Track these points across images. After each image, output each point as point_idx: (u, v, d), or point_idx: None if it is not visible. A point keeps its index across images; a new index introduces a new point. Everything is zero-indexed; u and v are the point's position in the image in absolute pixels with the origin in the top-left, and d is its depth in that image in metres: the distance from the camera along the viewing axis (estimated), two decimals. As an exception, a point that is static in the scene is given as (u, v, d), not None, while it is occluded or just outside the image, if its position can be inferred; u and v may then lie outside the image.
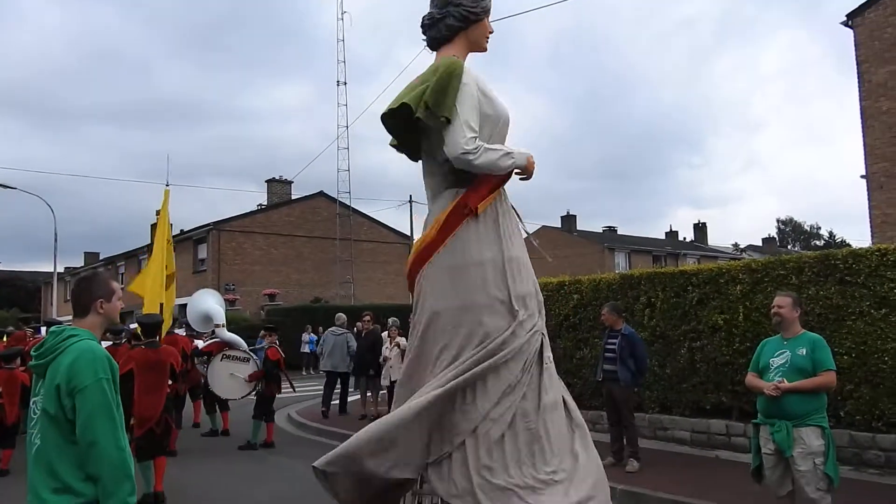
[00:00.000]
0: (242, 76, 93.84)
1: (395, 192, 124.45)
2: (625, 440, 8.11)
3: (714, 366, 8.82)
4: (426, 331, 4.74)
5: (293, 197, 36.63)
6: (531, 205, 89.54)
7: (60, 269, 48.12)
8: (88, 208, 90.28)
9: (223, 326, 10.54)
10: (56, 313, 33.80)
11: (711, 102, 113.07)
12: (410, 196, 34.45)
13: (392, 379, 11.40)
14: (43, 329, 12.62)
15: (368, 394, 12.60)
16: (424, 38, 4.47)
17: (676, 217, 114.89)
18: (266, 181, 36.49)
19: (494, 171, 4.88)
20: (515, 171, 4.83)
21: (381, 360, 11.92)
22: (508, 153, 4.80)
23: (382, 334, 12.38)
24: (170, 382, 7.41)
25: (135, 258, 39.55)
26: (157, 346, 7.46)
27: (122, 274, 40.11)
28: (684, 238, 57.14)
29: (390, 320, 12.31)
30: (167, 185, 8.47)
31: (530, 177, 4.81)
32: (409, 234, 35.51)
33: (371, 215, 37.36)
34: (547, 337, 5.03)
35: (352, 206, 34.74)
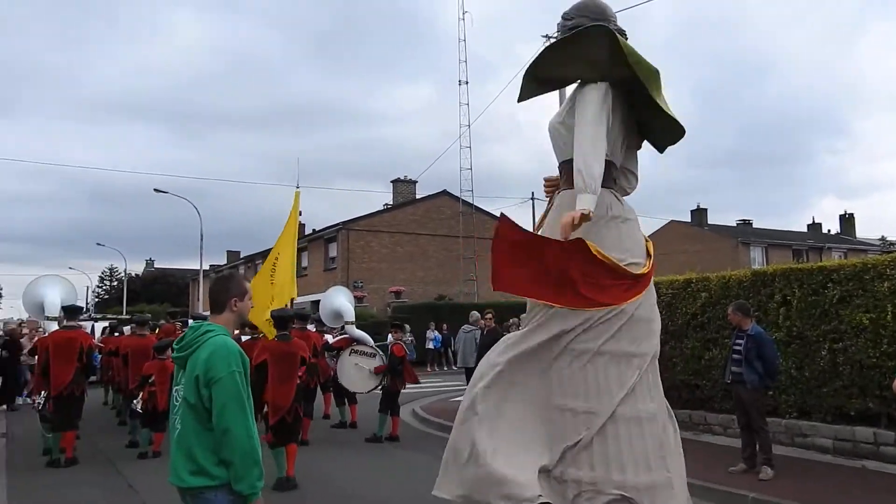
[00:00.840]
0: (369, 80, 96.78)
1: (517, 190, 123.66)
2: (757, 446, 7.72)
3: (859, 369, 8.22)
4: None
5: (418, 196, 37.38)
6: (658, 199, 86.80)
7: (206, 267, 51.65)
8: (230, 209, 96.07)
9: (352, 323, 10.94)
10: (201, 308, 36.28)
11: (856, 82, 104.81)
12: (532, 193, 34.27)
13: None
14: (190, 322, 13.54)
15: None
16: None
17: (820, 208, 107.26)
18: (391, 181, 37.49)
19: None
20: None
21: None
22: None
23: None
24: (300, 374, 7.77)
25: (271, 256, 41.70)
26: (289, 338, 7.86)
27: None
28: (829, 231, 53.47)
29: (512, 320, 12.33)
30: (297, 187, 8.87)
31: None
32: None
33: (494, 213, 37.48)
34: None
35: (474, 203, 35.01)
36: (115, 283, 69.88)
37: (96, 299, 68.49)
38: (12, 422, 13.07)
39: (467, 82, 34.82)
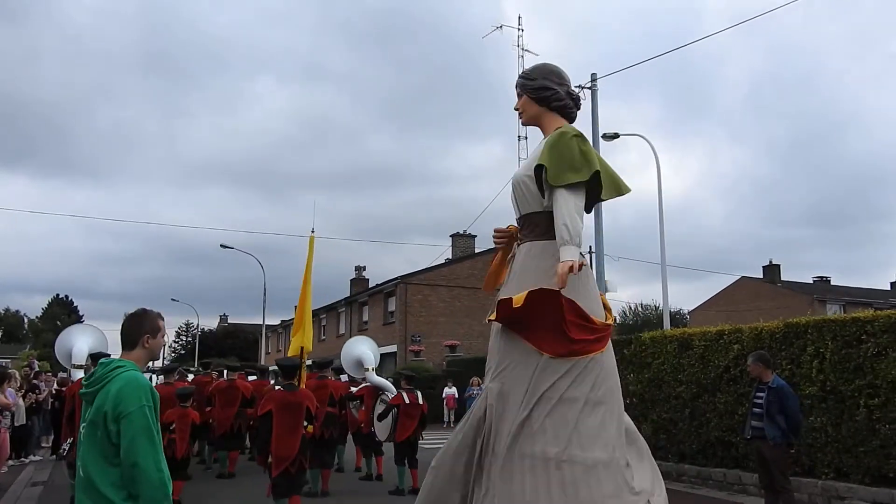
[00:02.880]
0: (440, 141, 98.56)
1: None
2: (780, 507, 7.21)
3: (896, 427, 7.65)
4: None
5: (477, 251, 37.43)
6: (729, 256, 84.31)
7: (276, 322, 52.81)
8: (297, 265, 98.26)
9: (373, 371, 10.89)
10: (263, 360, 36.86)
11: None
12: (591, 247, 33.80)
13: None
14: (252, 376, 13.74)
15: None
16: (576, 110, 4.60)
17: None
18: (451, 235, 37.69)
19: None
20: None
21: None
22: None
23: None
24: (306, 425, 7.74)
25: (334, 311, 42.29)
26: (295, 388, 7.87)
27: (324, 326, 43.02)
28: (915, 289, 50.50)
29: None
30: (312, 232, 8.93)
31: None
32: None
33: (553, 267, 37.09)
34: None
35: (533, 258, 34.76)
36: (190, 339, 72.08)
37: (172, 354, 70.79)
38: (57, 471, 13.47)
39: (526, 138, 34.98)
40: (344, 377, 12.62)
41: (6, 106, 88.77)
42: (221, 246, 34.94)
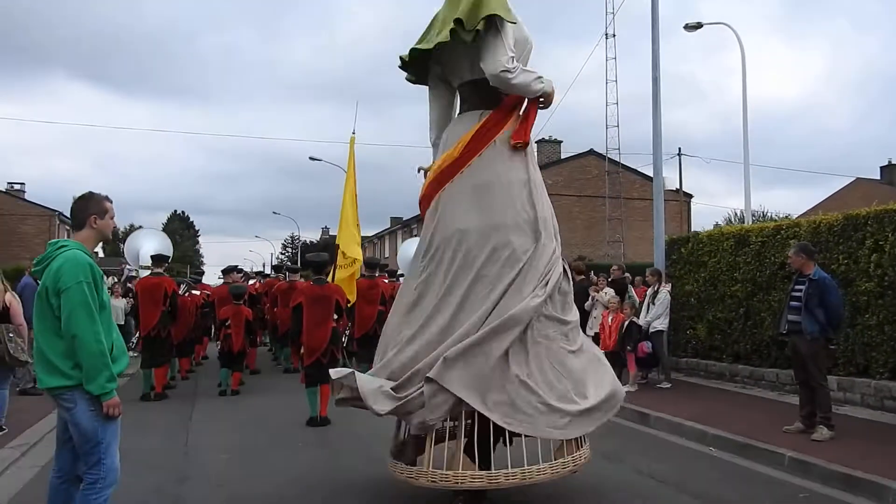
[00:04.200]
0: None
1: (664, 146, 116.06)
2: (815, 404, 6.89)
3: (955, 323, 7.07)
4: (447, 249, 4.67)
5: (563, 156, 36.54)
6: (850, 159, 78.49)
7: (371, 233, 54.20)
8: (397, 178, 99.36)
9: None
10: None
11: None
12: (679, 149, 32.31)
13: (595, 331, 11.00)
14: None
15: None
16: None
17: None
18: (536, 142, 36.80)
19: (526, 93, 4.82)
20: (540, 97, 4.76)
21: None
22: (540, 77, 4.79)
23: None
24: (335, 318, 7.97)
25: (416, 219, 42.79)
26: (324, 282, 8.08)
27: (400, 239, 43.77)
28: None
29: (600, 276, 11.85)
30: (353, 133, 8.87)
31: (549, 105, 4.83)
32: (677, 188, 33.40)
33: (644, 171, 35.79)
34: (565, 262, 4.82)
35: (621, 162, 33.66)
36: (294, 250, 75.15)
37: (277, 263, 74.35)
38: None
39: (614, 35, 33.27)
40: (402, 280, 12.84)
41: (122, 35, 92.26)
42: (310, 158, 35.67)
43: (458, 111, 5.26)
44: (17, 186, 44.17)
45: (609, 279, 11.84)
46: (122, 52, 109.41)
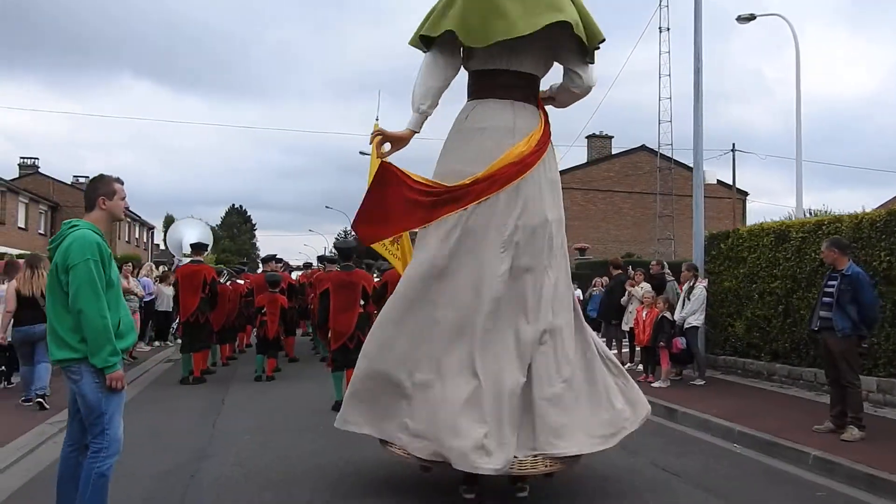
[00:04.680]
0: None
1: (715, 141, 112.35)
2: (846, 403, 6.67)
3: None
4: (541, 236, 4.75)
5: (613, 152, 36.10)
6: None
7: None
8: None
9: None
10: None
11: None
12: (733, 145, 31.50)
13: (630, 326, 10.89)
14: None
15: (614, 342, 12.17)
16: None
17: None
18: (586, 137, 36.47)
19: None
20: None
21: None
22: None
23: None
24: (362, 303, 8.08)
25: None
26: (352, 269, 8.19)
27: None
28: None
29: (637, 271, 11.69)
30: (377, 119, 8.95)
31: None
32: (731, 184, 32.55)
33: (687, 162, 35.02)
34: None
35: (674, 158, 33.04)
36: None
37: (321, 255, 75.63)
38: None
39: (668, 29, 32.68)
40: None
41: (185, 34, 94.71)
42: (360, 153, 36.06)
43: (478, 94, 5.12)
44: (82, 180, 45.87)
45: (648, 274, 11.68)
46: (184, 51, 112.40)
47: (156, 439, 6.68)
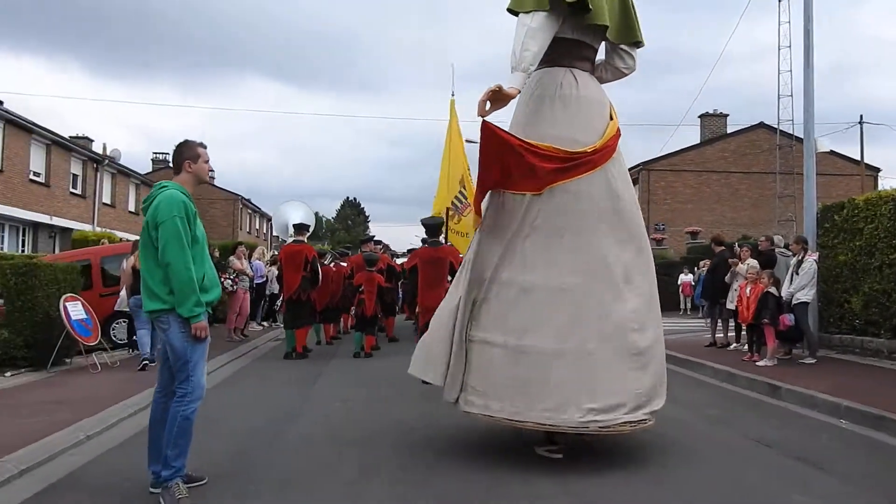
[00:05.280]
0: (710, 20, 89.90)
1: (840, 114, 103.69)
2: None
3: None
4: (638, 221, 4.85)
5: (729, 131, 34.50)
6: None
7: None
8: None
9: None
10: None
11: None
12: (861, 116, 29.38)
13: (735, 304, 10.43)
14: None
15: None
16: None
17: None
18: (699, 116, 35.02)
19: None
20: None
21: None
22: None
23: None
24: (449, 278, 8.18)
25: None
26: (439, 244, 8.32)
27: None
28: None
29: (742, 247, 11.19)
30: (452, 96, 9.06)
31: None
32: (859, 159, 30.36)
33: (822, 144, 32.88)
34: None
35: (794, 135, 31.17)
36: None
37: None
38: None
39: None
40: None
41: (304, 38, 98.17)
42: (467, 140, 36.25)
43: (560, 61, 5.08)
44: (210, 175, 48.78)
45: (756, 251, 11.15)
46: (303, 51, 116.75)
47: (252, 403, 7.08)
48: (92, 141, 32.21)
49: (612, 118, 5.10)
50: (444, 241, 8.48)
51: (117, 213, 31.48)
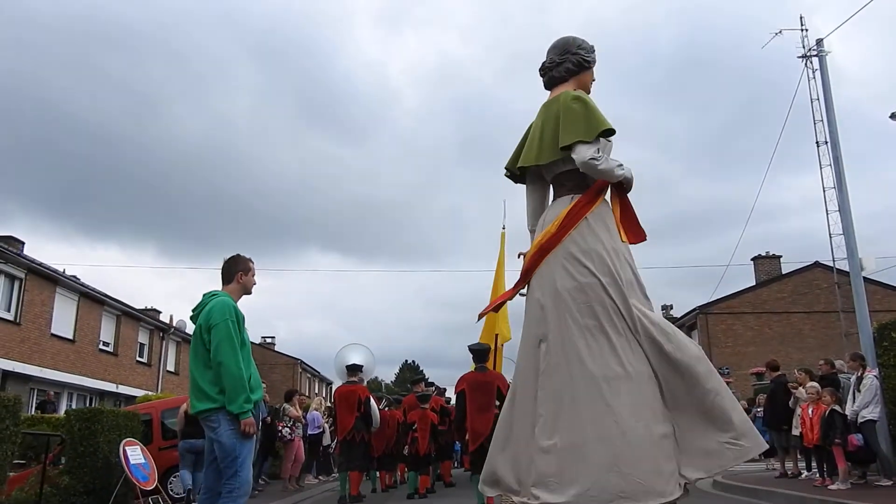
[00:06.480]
0: (752, 175, 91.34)
1: None
2: None
3: None
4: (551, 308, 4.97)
5: (783, 272, 34.16)
6: None
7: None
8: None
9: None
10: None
11: None
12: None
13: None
14: None
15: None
16: (543, 79, 5.30)
17: None
18: (752, 259, 34.88)
19: (610, 178, 5.34)
20: (627, 186, 5.19)
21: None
22: (621, 165, 5.29)
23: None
24: (497, 403, 8.20)
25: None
26: (486, 370, 8.41)
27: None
28: None
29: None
30: (503, 228, 9.53)
31: (629, 190, 5.01)
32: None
33: (876, 279, 32.18)
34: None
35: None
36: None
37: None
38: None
39: (826, 142, 31.50)
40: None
41: (360, 210, 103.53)
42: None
43: (551, 199, 5.65)
44: (268, 340, 49.99)
45: (818, 376, 10.86)
46: (363, 224, 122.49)
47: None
48: (159, 312, 33.74)
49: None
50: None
51: (180, 379, 32.30)
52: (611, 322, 4.68)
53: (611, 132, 5.07)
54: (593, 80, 5.40)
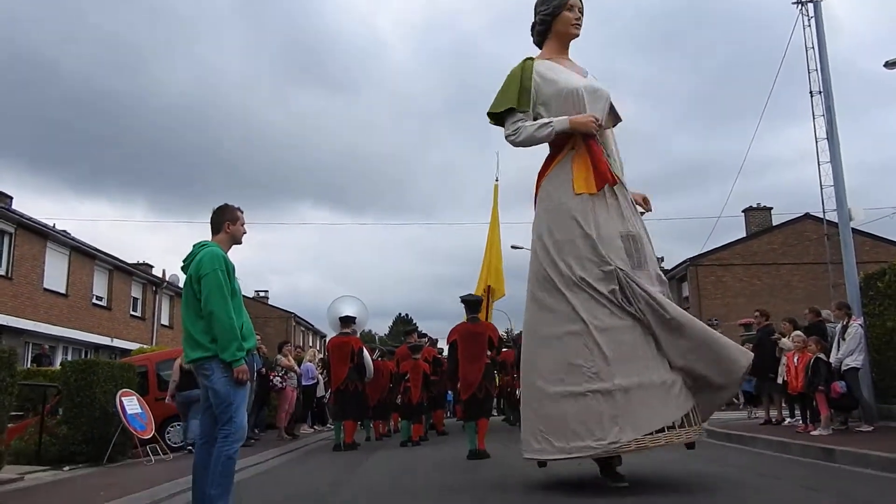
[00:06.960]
0: (740, 128, 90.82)
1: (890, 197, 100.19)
2: None
3: None
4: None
5: (775, 224, 34.32)
6: None
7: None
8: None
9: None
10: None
11: None
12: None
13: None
14: None
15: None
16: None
17: None
18: (743, 210, 35.02)
19: (536, 143, 5.48)
20: (573, 130, 5.18)
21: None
22: (545, 124, 5.28)
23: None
24: (488, 353, 8.33)
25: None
26: (478, 321, 8.52)
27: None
28: None
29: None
30: (496, 181, 9.54)
31: (588, 131, 5.13)
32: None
33: (875, 232, 32.42)
34: None
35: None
36: (509, 343, 76.28)
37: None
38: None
39: (820, 92, 31.31)
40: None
41: (359, 163, 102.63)
42: (512, 247, 36.82)
43: None
44: (262, 294, 50.15)
45: (805, 325, 11.02)
46: (356, 179, 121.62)
47: (299, 477, 7.17)
48: (152, 267, 33.71)
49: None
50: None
51: (175, 333, 32.45)
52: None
53: (499, 116, 5.40)
54: (574, 23, 5.40)
